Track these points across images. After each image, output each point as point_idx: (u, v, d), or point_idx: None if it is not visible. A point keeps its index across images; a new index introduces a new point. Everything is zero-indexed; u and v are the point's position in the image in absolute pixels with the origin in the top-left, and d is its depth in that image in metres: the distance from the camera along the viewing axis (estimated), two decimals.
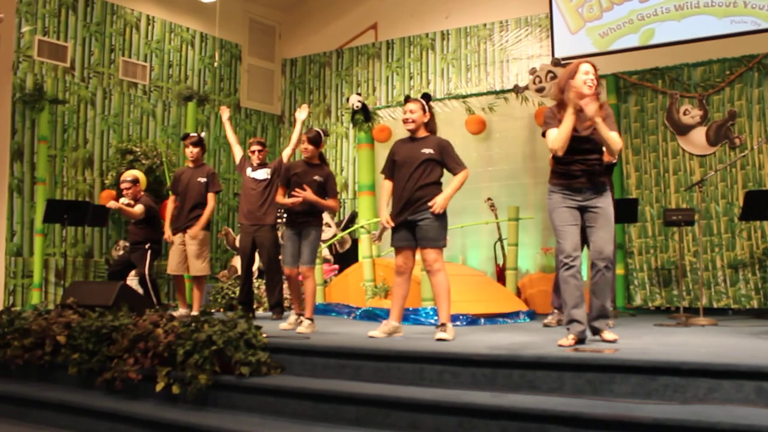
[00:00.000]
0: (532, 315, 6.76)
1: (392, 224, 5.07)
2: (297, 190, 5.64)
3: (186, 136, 7.03)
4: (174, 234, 6.87)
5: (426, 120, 5.13)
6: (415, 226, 4.97)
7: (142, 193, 7.40)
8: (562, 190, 4.45)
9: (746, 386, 3.34)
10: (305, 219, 5.71)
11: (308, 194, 5.61)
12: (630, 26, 8.81)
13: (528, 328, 5.73)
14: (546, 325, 5.85)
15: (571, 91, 4.33)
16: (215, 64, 10.73)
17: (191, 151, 6.89)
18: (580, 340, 4.30)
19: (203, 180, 6.83)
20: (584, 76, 4.40)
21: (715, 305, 7.53)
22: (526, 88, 8.15)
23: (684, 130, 7.90)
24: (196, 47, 10.57)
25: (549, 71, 8.06)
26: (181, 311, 6.82)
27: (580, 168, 4.41)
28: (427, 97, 5.21)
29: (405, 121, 5.11)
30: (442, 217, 4.99)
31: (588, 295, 4.52)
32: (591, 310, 4.51)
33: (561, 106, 4.44)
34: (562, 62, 8.18)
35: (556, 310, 5.99)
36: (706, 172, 7.48)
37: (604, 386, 3.60)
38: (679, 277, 7.23)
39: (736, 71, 7.70)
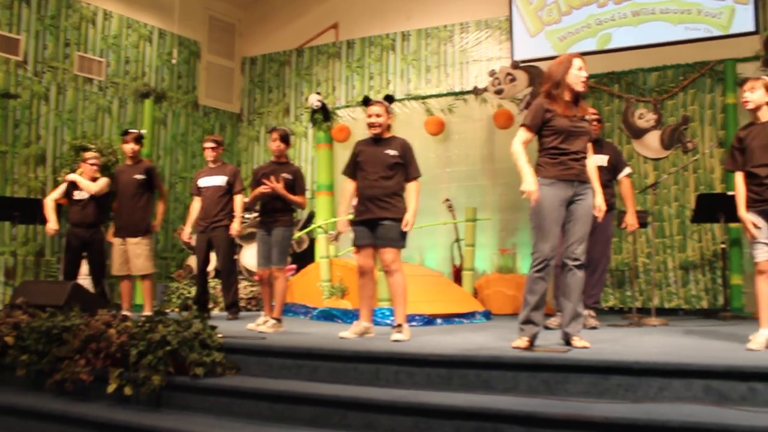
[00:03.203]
0: (488, 315, 6.81)
1: (345, 230, 5.08)
2: (264, 180, 5.61)
3: (126, 132, 6.88)
4: (115, 236, 6.77)
5: (390, 122, 5.15)
6: (377, 225, 4.97)
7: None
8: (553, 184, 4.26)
9: (695, 384, 3.42)
10: (274, 218, 5.67)
11: (277, 186, 5.58)
12: (588, 30, 8.93)
13: (484, 329, 5.76)
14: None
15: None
16: (173, 61, 10.58)
17: (132, 147, 6.74)
18: (533, 342, 4.29)
19: (141, 177, 6.69)
20: (578, 72, 4.31)
21: (666, 306, 7.69)
22: (485, 90, 8.22)
23: (639, 133, 8.04)
24: (154, 43, 10.41)
25: (508, 73, 8.14)
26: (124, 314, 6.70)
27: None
28: (389, 98, 5.21)
29: (371, 126, 5.07)
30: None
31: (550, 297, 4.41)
32: (563, 315, 4.40)
33: (552, 98, 4.29)
34: (521, 65, 8.27)
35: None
36: (660, 175, 7.62)
37: (559, 386, 3.65)
38: (633, 278, 7.35)
39: (689, 77, 7.86)
